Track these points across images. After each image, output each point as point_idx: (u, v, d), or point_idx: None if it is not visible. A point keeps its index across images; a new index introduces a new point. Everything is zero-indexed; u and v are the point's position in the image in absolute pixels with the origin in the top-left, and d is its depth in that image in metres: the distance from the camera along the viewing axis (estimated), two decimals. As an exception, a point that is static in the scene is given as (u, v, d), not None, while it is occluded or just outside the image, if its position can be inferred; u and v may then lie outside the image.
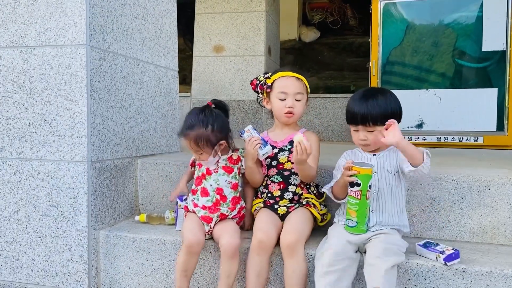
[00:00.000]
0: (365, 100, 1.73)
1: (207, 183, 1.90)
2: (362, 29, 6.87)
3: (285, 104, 1.89)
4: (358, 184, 1.62)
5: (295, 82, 1.92)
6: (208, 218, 1.86)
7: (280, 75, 1.94)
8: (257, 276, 1.71)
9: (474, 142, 3.70)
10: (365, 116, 1.71)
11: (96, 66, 1.99)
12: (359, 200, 1.63)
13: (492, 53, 3.69)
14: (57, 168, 1.98)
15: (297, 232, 1.72)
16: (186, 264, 1.77)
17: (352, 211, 1.65)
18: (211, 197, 1.88)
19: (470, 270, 1.60)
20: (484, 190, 1.88)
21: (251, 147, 1.82)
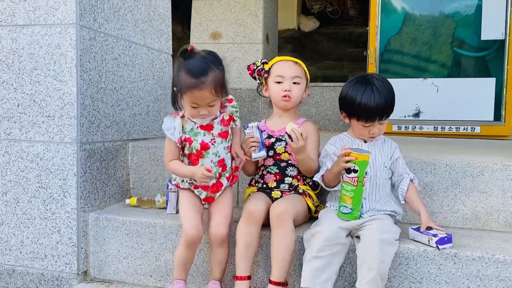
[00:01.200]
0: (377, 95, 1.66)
1: (207, 159, 1.72)
2: (362, 19, 6.82)
3: (282, 88, 1.85)
4: (355, 170, 1.60)
5: (293, 65, 1.88)
6: (210, 198, 1.79)
7: (278, 59, 1.91)
8: (246, 247, 1.67)
9: (471, 132, 3.67)
10: (383, 113, 1.68)
11: (86, 46, 1.96)
12: (355, 186, 1.61)
13: (491, 42, 3.65)
14: (46, 149, 1.96)
15: (287, 204, 1.69)
16: (186, 258, 1.72)
17: (347, 198, 1.62)
18: (214, 173, 1.72)
19: (462, 254, 1.58)
20: (478, 175, 1.86)
21: (246, 147, 1.79)
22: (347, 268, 1.68)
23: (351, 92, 1.71)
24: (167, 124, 1.72)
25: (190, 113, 1.66)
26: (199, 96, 1.59)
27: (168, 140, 1.74)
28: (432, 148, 2.46)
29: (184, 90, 1.60)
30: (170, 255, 1.89)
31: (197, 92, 1.58)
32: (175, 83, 1.66)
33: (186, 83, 1.58)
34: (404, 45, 3.89)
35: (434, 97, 3.77)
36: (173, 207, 2.01)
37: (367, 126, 1.71)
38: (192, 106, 1.62)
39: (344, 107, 1.76)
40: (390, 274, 1.61)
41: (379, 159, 1.74)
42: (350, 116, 1.74)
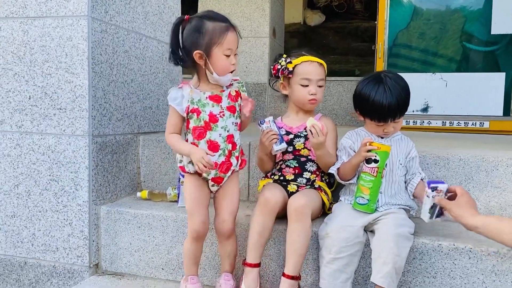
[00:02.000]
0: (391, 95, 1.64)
1: (215, 133, 1.62)
2: (368, 13, 6.78)
3: (309, 91, 1.80)
4: (376, 160, 1.59)
5: (318, 68, 1.82)
6: (219, 179, 1.68)
7: (303, 59, 1.82)
8: (259, 235, 1.66)
9: (480, 127, 3.65)
10: (396, 112, 1.66)
11: (97, 39, 1.95)
12: (375, 177, 1.60)
13: (501, 37, 3.62)
14: (58, 142, 1.95)
15: (306, 197, 1.67)
16: (196, 252, 1.69)
17: (365, 188, 1.62)
18: (222, 149, 1.63)
19: (477, 250, 1.57)
20: (492, 170, 1.85)
21: (267, 140, 1.75)
22: (361, 262, 1.67)
23: (364, 91, 1.70)
24: (173, 94, 1.64)
25: (223, 64, 1.58)
26: (232, 40, 1.57)
27: (172, 112, 1.66)
28: (442, 142, 2.45)
29: (217, 38, 1.55)
30: (182, 248, 1.88)
31: (231, 34, 1.57)
32: (195, 44, 1.56)
33: (218, 29, 1.55)
34: (412, 39, 3.86)
35: (442, 92, 3.75)
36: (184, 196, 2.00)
37: (381, 125, 1.71)
38: (226, 54, 1.57)
39: (357, 105, 1.76)
40: (404, 269, 1.61)
41: (395, 155, 1.73)
42: (364, 115, 1.74)
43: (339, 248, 1.56)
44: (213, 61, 1.57)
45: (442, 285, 1.60)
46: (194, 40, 1.56)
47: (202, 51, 1.56)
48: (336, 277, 1.56)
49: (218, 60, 1.57)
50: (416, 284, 1.63)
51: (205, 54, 1.56)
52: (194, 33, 1.57)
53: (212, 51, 1.56)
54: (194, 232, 1.64)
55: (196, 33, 1.56)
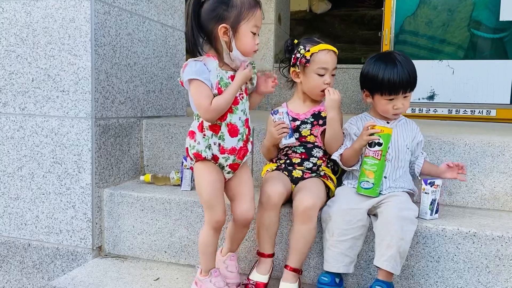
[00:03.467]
0: (400, 67, 1.64)
1: (235, 116, 1.53)
2: (375, 1, 6.70)
3: (324, 80, 1.77)
4: (380, 143, 1.58)
5: (334, 56, 1.79)
6: (236, 165, 1.59)
7: (321, 47, 1.77)
8: (266, 230, 1.66)
9: (487, 115, 3.61)
10: (408, 83, 1.65)
11: (100, 21, 1.93)
12: (379, 160, 1.59)
13: (509, 23, 3.55)
14: (61, 124, 1.95)
15: (315, 197, 1.65)
16: (215, 243, 1.59)
17: (370, 172, 1.61)
18: (241, 134, 1.56)
19: (481, 234, 1.56)
20: (498, 155, 1.83)
21: (277, 132, 1.71)
22: (364, 246, 1.66)
23: (373, 68, 1.69)
24: (197, 67, 1.47)
25: (248, 42, 1.48)
26: (260, 17, 1.50)
27: (200, 85, 1.46)
28: (449, 129, 2.42)
29: (247, 13, 1.45)
30: (184, 231, 1.89)
31: (259, 11, 1.49)
32: (221, 17, 1.46)
33: (248, 3, 1.46)
34: (419, 26, 3.81)
35: (449, 79, 3.70)
36: (188, 184, 2.00)
37: (391, 99, 1.68)
38: (253, 32, 1.48)
39: (366, 84, 1.74)
40: (407, 253, 1.60)
41: (401, 140, 1.72)
42: (373, 92, 1.72)
43: (342, 231, 1.56)
44: (238, 37, 1.47)
45: (446, 270, 1.59)
46: (219, 13, 1.46)
47: (229, 26, 1.46)
48: (340, 260, 1.56)
49: (245, 37, 1.47)
50: (419, 268, 1.62)
51: (232, 29, 1.46)
52: (220, 5, 1.46)
53: (240, 26, 1.46)
54: (216, 223, 1.55)
55: (223, 5, 1.46)
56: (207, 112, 1.47)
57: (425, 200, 1.65)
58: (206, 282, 1.59)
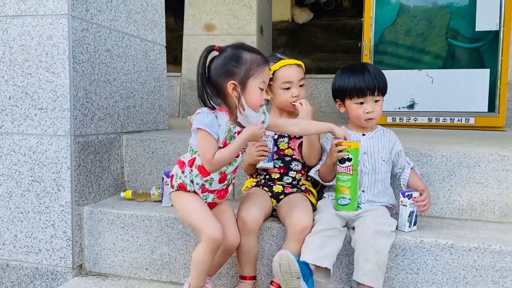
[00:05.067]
0: (366, 71, 1.71)
1: (231, 167, 1.58)
2: (356, 10, 6.80)
3: (292, 94, 1.81)
4: (350, 159, 1.60)
5: (297, 69, 1.84)
6: (214, 204, 1.63)
7: (281, 64, 1.82)
8: (244, 254, 1.67)
9: (466, 123, 3.67)
10: (374, 84, 1.70)
11: (78, 38, 1.93)
12: (351, 175, 1.61)
13: (485, 33, 3.64)
14: (39, 142, 1.93)
15: (311, 216, 1.67)
16: (211, 262, 1.55)
17: (345, 188, 1.62)
18: (228, 180, 1.61)
19: (458, 245, 1.58)
20: (474, 166, 1.86)
21: (256, 153, 1.74)
22: (344, 259, 1.67)
23: (340, 76, 1.77)
24: (209, 119, 1.48)
25: (256, 98, 1.50)
26: (268, 74, 1.54)
27: (208, 136, 1.48)
28: (427, 139, 2.46)
29: (255, 70, 1.48)
30: (166, 248, 1.88)
31: (267, 69, 1.53)
32: (230, 73, 1.48)
33: (257, 61, 1.49)
34: (398, 36, 3.87)
35: (428, 88, 3.77)
36: (169, 200, 1.99)
37: (361, 103, 1.72)
38: (261, 88, 1.51)
39: (336, 93, 1.79)
40: (387, 265, 1.61)
41: (377, 152, 1.74)
42: (343, 99, 1.76)
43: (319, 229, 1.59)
44: (247, 93, 1.49)
45: (425, 281, 1.61)
46: (229, 69, 1.48)
47: (237, 82, 1.48)
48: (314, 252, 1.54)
49: (253, 92, 1.49)
50: (399, 280, 1.64)
51: (240, 85, 1.48)
52: (230, 62, 1.49)
53: (248, 82, 1.48)
54: (215, 241, 1.49)
55: (233, 62, 1.48)
56: (208, 163, 1.50)
57: (403, 212, 1.67)
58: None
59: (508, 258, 1.53)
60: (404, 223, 1.67)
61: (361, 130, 1.79)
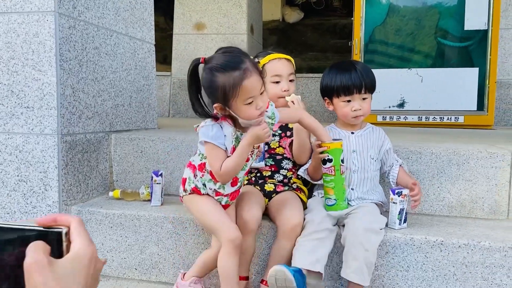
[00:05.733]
0: (353, 68, 1.71)
1: (242, 171, 1.57)
2: (346, 10, 6.80)
3: (281, 88, 1.81)
4: (330, 159, 1.59)
5: (287, 63, 1.85)
6: (227, 206, 1.64)
7: (270, 57, 1.84)
8: (242, 254, 1.63)
9: (455, 122, 3.70)
10: (360, 82, 1.69)
11: (65, 35, 1.90)
12: (334, 176, 1.60)
13: (474, 32, 3.67)
14: (26, 141, 1.90)
15: (301, 214, 1.67)
16: (237, 264, 1.51)
17: (329, 189, 1.62)
18: (240, 182, 1.62)
19: (448, 242, 1.58)
20: (463, 163, 1.87)
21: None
22: (334, 257, 1.67)
23: (328, 74, 1.77)
24: (214, 132, 1.47)
25: (248, 114, 1.43)
26: (250, 87, 1.39)
27: (214, 148, 1.48)
28: (417, 137, 2.47)
29: (235, 91, 1.38)
30: (155, 247, 1.86)
31: (247, 82, 1.39)
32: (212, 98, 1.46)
33: (231, 82, 1.38)
34: (388, 35, 3.89)
35: (418, 87, 3.79)
36: (158, 199, 1.97)
37: (348, 101, 1.71)
38: (248, 103, 1.41)
39: (324, 91, 1.79)
40: (377, 263, 1.61)
41: (365, 151, 1.74)
42: (331, 97, 1.76)
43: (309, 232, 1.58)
44: (236, 111, 1.44)
45: (415, 278, 1.61)
46: (210, 94, 1.46)
47: (221, 104, 1.44)
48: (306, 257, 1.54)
49: (240, 111, 1.43)
50: (389, 278, 1.63)
51: (225, 106, 1.44)
52: (207, 88, 1.46)
53: (230, 104, 1.42)
54: (233, 241, 1.48)
55: (208, 89, 1.45)
56: (218, 175, 1.51)
57: (394, 210, 1.67)
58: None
59: (497, 255, 1.54)
60: (394, 220, 1.67)
61: (350, 128, 1.79)
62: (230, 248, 1.49)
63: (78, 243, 0.60)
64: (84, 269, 0.59)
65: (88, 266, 0.60)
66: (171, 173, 2.15)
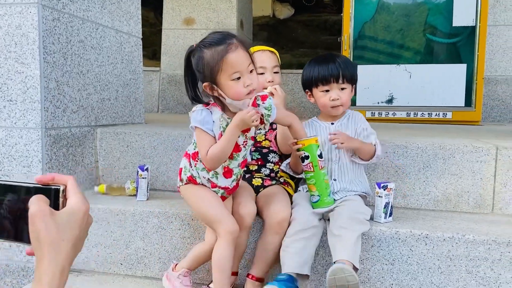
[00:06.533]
0: (331, 60, 1.72)
1: (235, 162, 1.56)
2: (336, 7, 6.81)
3: (266, 79, 1.83)
4: (307, 156, 1.59)
5: (271, 55, 1.87)
6: (223, 198, 1.62)
7: (254, 49, 1.84)
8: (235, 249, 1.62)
9: (443, 118, 3.72)
10: (338, 72, 1.70)
11: (49, 27, 1.87)
12: (313, 172, 1.59)
13: (462, 29, 3.68)
14: (9, 135, 1.87)
15: (288, 208, 1.66)
16: (232, 258, 1.52)
17: (311, 185, 1.61)
18: (236, 174, 1.59)
19: (433, 236, 1.59)
20: (449, 158, 1.88)
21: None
22: (320, 251, 1.67)
23: (308, 66, 1.78)
24: (202, 117, 1.48)
25: (234, 90, 1.42)
26: (234, 60, 1.39)
27: (202, 133, 1.49)
28: (404, 132, 2.48)
29: (219, 64, 1.39)
30: (140, 242, 1.85)
31: (231, 56, 1.39)
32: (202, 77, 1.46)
33: (216, 55, 1.39)
34: (377, 31, 3.89)
35: (407, 83, 3.80)
36: (144, 194, 1.96)
37: (327, 90, 1.72)
38: (234, 78, 1.40)
39: (305, 83, 1.80)
40: (363, 256, 1.61)
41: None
42: (311, 89, 1.77)
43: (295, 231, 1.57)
44: (223, 89, 1.44)
45: (400, 272, 1.62)
46: (199, 73, 1.46)
47: (209, 82, 1.44)
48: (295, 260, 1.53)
49: (227, 88, 1.43)
50: (375, 271, 1.64)
51: (213, 84, 1.44)
52: (197, 66, 1.46)
53: (217, 80, 1.42)
54: (231, 234, 1.49)
55: (198, 65, 1.45)
56: (205, 161, 1.50)
57: (379, 203, 1.67)
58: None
59: (481, 248, 1.55)
60: (379, 214, 1.67)
61: (331, 119, 1.79)
62: (228, 240, 1.49)
63: (75, 199, 0.71)
64: (78, 222, 0.70)
65: (82, 220, 0.70)
66: (157, 167, 2.14)
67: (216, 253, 1.52)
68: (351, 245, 1.47)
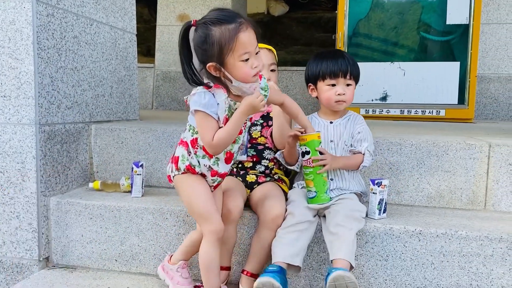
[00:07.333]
0: (341, 55, 1.73)
1: (236, 145, 1.51)
2: (331, 4, 6.82)
3: None
4: (308, 152, 1.59)
5: (268, 53, 1.86)
6: (218, 185, 1.60)
7: None
8: (224, 244, 1.63)
9: (437, 115, 3.74)
10: (347, 67, 1.71)
11: (43, 23, 1.86)
12: (313, 167, 1.59)
13: (455, 27, 3.70)
14: (3, 131, 1.86)
15: (283, 204, 1.67)
16: (219, 257, 1.51)
17: (309, 181, 1.61)
18: (233, 160, 1.56)
19: (426, 232, 1.60)
20: (442, 155, 1.89)
21: None
22: (315, 247, 1.68)
23: (314, 60, 1.78)
24: (207, 100, 1.40)
25: (243, 71, 1.37)
26: (246, 41, 1.34)
27: (206, 117, 1.41)
28: (398, 129, 2.49)
29: (227, 45, 1.32)
30: (135, 239, 1.85)
31: (243, 35, 1.33)
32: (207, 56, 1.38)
33: (227, 34, 1.32)
34: (372, 29, 3.90)
35: (401, 80, 3.82)
36: (139, 191, 1.95)
37: (333, 84, 1.72)
38: (244, 59, 1.35)
39: (310, 78, 1.79)
40: (357, 253, 1.63)
41: (337, 138, 1.75)
42: (316, 82, 1.76)
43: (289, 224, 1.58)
44: (230, 70, 1.37)
45: (394, 268, 1.63)
46: (204, 52, 1.38)
47: (216, 62, 1.37)
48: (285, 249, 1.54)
49: (235, 69, 1.37)
50: (369, 267, 1.65)
51: (220, 65, 1.37)
52: (202, 44, 1.37)
53: (226, 60, 1.35)
54: (218, 233, 1.48)
55: (204, 43, 1.36)
56: (209, 146, 1.43)
57: (373, 200, 1.68)
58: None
59: (474, 244, 1.56)
60: (374, 210, 1.69)
61: (330, 118, 1.79)
62: (211, 240, 1.48)
63: None
64: None
65: None
66: (152, 164, 2.14)
67: (201, 252, 1.51)
68: (348, 244, 1.48)
